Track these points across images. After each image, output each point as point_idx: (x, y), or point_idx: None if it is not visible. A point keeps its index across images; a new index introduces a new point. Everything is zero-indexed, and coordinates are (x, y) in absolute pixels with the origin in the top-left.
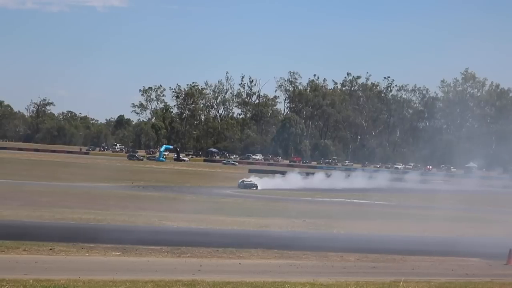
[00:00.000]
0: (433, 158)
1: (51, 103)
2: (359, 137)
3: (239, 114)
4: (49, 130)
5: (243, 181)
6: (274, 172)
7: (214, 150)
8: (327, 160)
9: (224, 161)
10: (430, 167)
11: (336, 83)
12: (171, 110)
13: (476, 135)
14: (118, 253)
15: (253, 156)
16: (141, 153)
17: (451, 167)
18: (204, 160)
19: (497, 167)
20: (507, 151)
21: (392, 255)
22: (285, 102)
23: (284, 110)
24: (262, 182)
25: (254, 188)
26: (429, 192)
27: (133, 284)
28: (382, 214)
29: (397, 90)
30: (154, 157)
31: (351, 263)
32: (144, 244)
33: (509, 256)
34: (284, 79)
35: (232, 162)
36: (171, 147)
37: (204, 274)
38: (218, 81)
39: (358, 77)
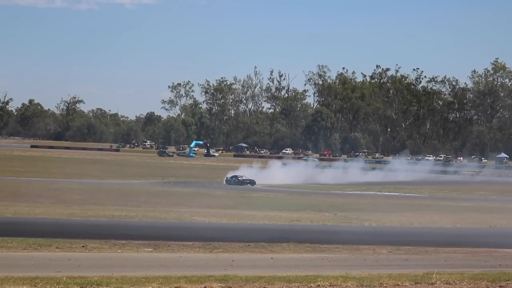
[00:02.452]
0: (464, 149)
1: (81, 101)
2: (389, 130)
3: (269, 109)
4: (79, 128)
5: (235, 176)
6: None
7: (244, 145)
8: (357, 153)
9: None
10: (461, 158)
11: (365, 76)
12: (200, 105)
13: (507, 126)
14: (150, 249)
15: (283, 150)
16: (171, 149)
17: (482, 158)
18: (234, 155)
19: None
20: None
21: (424, 247)
22: (314, 96)
23: (313, 104)
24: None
25: (249, 184)
26: (461, 183)
27: (165, 280)
28: (414, 206)
29: (427, 81)
30: (184, 153)
31: (384, 256)
32: (176, 240)
33: None
34: (313, 72)
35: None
36: (201, 142)
37: (236, 269)
38: (247, 76)
39: (388, 69)
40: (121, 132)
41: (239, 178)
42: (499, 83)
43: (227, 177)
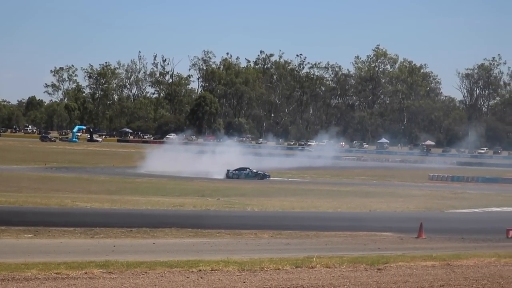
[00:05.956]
0: (346, 134)
1: None
2: (272, 115)
3: (153, 94)
4: None
5: (244, 168)
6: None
7: (127, 130)
8: (240, 138)
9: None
10: (343, 143)
11: (249, 61)
12: (83, 90)
13: (388, 111)
14: (30, 235)
15: (167, 136)
16: (53, 134)
17: (364, 143)
18: (118, 141)
19: (408, 142)
20: (417, 126)
21: (305, 232)
22: (198, 81)
23: (197, 89)
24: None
25: (267, 177)
26: (341, 168)
27: (45, 266)
28: (296, 191)
29: (310, 67)
30: (67, 138)
31: (265, 240)
32: (57, 226)
33: (420, 229)
34: (198, 57)
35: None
36: (84, 127)
37: (118, 254)
38: (131, 61)
39: (271, 55)
40: (2, 116)
41: (254, 171)
42: (380, 69)
43: (229, 170)
